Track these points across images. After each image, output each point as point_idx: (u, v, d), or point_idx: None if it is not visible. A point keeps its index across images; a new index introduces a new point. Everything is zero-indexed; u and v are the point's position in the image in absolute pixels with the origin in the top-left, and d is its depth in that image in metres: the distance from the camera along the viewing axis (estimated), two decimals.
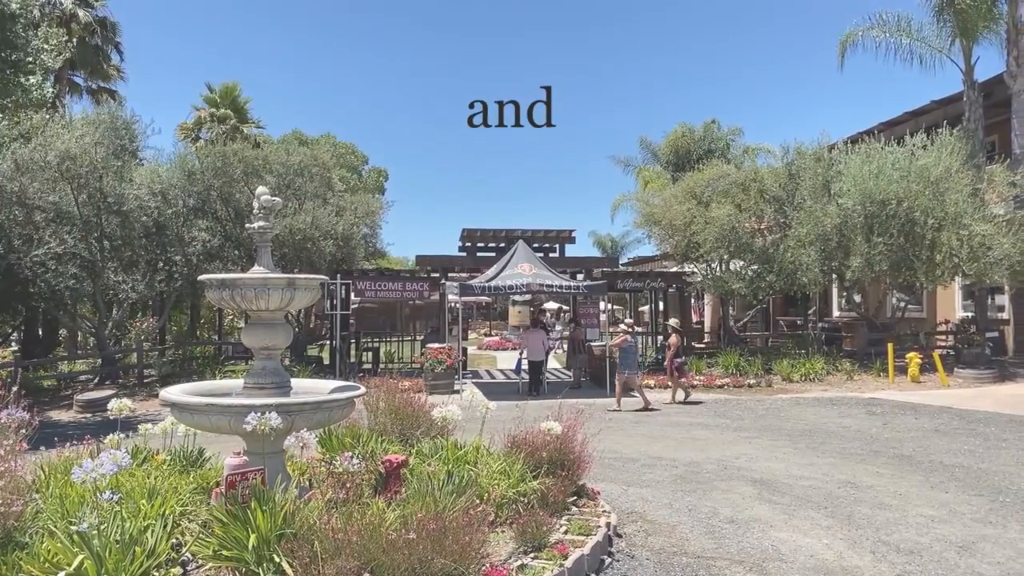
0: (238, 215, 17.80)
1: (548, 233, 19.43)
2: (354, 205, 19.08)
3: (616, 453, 9.90)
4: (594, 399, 15.36)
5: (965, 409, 13.40)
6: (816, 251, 18.44)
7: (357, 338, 19.91)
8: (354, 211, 18.90)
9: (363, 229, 20.20)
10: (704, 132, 40.15)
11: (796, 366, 17.82)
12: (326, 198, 19.20)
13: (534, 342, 16.76)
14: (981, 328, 18.93)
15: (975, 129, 19.38)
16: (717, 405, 14.54)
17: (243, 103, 40.87)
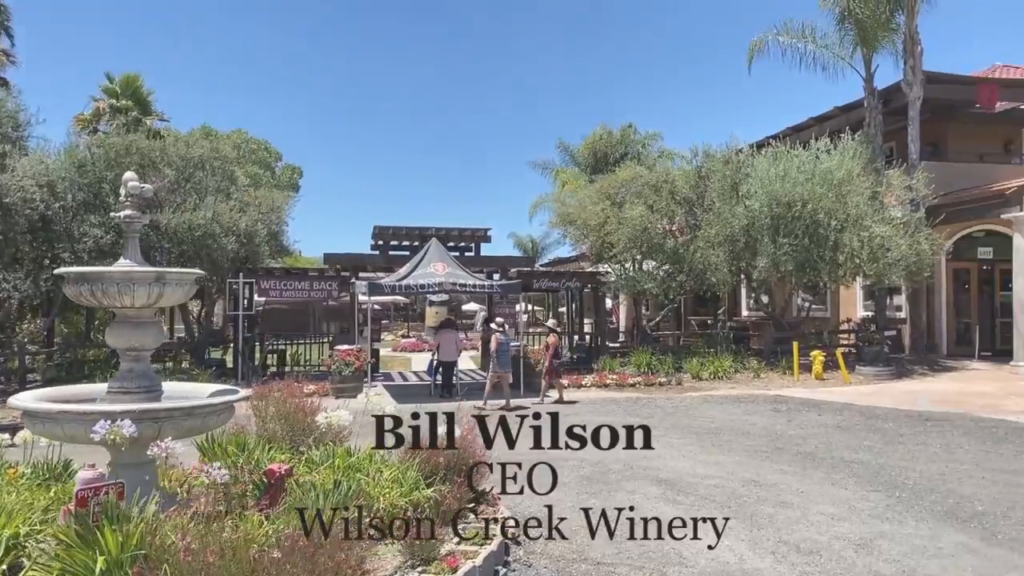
0: None
1: (463, 232, 19.11)
2: (258, 201, 18.27)
3: (523, 454, 9.67)
4: (515, 400, 15.11)
5: (865, 406, 13.77)
6: (725, 252, 18.74)
7: (261, 340, 19.09)
8: (258, 207, 18.10)
9: (270, 226, 19.36)
10: (621, 136, 40.57)
11: (706, 365, 18.05)
12: (229, 193, 18.32)
13: (446, 343, 16.43)
14: (880, 327, 19.64)
15: (875, 135, 20.10)
16: (628, 404, 14.52)
17: (146, 95, 38.90)
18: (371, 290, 15.13)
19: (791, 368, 17.99)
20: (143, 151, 16.97)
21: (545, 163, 42.68)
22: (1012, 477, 7.75)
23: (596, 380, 17.06)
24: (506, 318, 18.64)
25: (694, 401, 14.84)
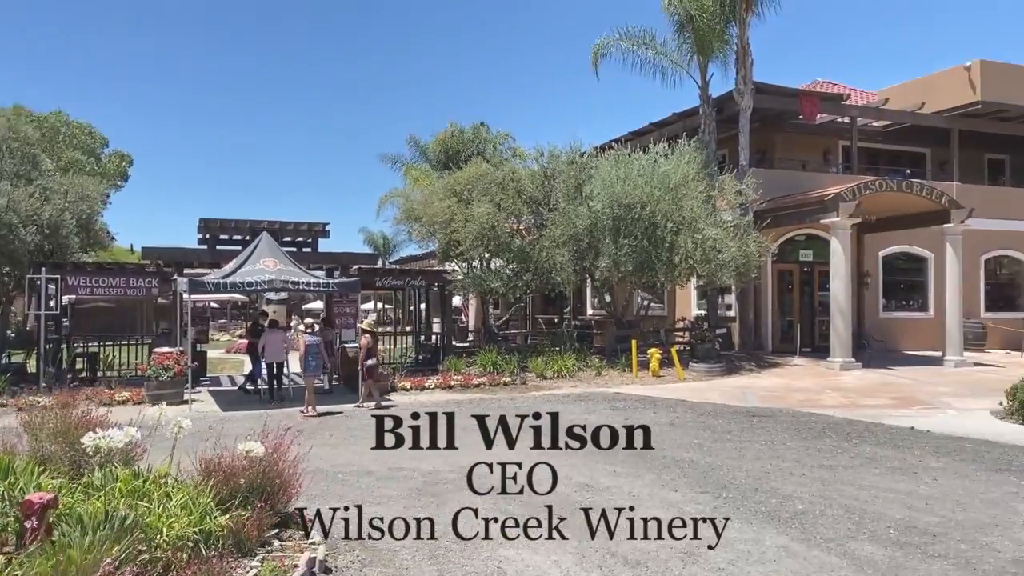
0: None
1: (299, 226, 18.07)
2: (65, 188, 16.36)
3: (354, 467, 9.07)
4: (344, 404, 14.38)
5: (697, 402, 14.18)
6: (569, 251, 18.86)
7: (68, 342, 17.15)
8: (65, 195, 16.21)
9: (80, 216, 17.42)
10: (473, 134, 40.32)
11: (550, 363, 18.07)
12: (31, 178, 16.31)
13: (272, 344, 15.41)
14: (712, 325, 20.50)
15: (709, 141, 20.95)
16: (471, 405, 14.18)
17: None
18: (192, 288, 13.88)
19: (631, 366, 18.36)
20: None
21: (395, 157, 41.72)
22: (829, 473, 8.03)
23: (440, 381, 16.63)
24: (344, 318, 17.85)
25: (536, 401, 14.73)
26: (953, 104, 23.35)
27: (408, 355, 20.18)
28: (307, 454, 9.91)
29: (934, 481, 7.53)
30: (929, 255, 23.19)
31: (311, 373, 13.77)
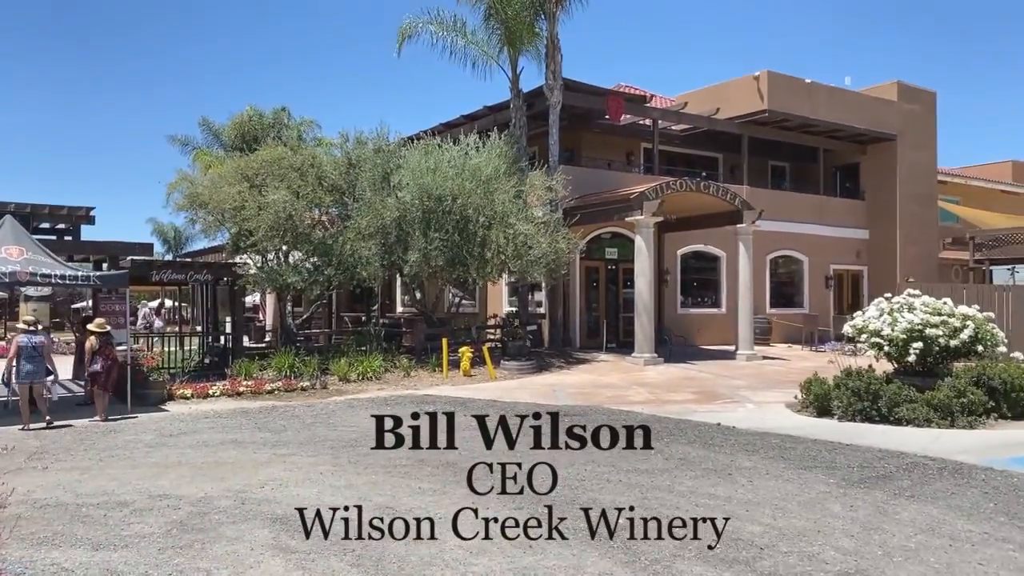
0: None
1: (57, 210, 15.42)
2: None
3: (107, 495, 7.45)
4: (115, 417, 12.30)
5: (508, 402, 13.62)
6: (376, 244, 17.71)
7: None
8: None
9: None
10: (274, 119, 37.63)
11: (354, 365, 16.81)
12: None
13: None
14: (524, 322, 20.20)
15: (520, 136, 20.62)
16: (262, 415, 12.65)
17: None
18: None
19: (441, 365, 17.55)
20: None
21: (186, 140, 38.06)
22: (646, 479, 7.61)
23: (227, 388, 14.85)
24: (113, 316, 15.50)
25: (338, 407, 13.47)
26: (744, 111, 24.80)
27: (192, 358, 18.01)
28: (44, 484, 8.15)
29: (750, 484, 7.31)
30: (722, 254, 24.46)
31: (26, 380, 11.64)
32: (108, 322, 15.57)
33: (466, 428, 10.96)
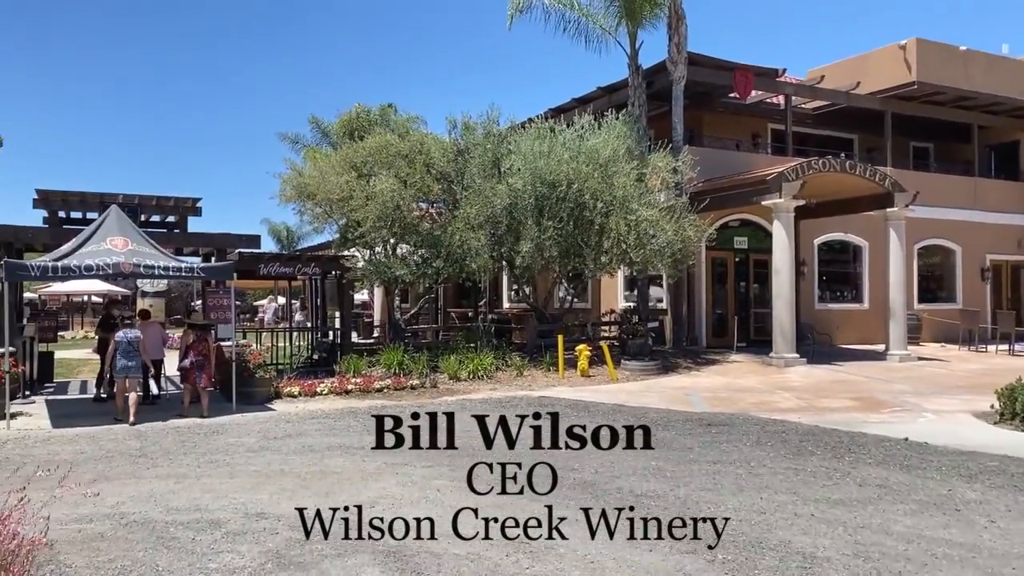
0: None
1: (164, 201, 15.04)
2: None
3: (200, 510, 6.52)
4: (220, 416, 11.66)
5: (637, 407, 12.16)
6: (486, 235, 16.58)
7: None
8: None
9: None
10: (381, 115, 37.22)
11: (465, 363, 15.74)
12: None
13: (151, 337, 12.62)
14: (643, 318, 18.61)
15: (639, 115, 19.02)
16: (369, 415, 11.68)
17: None
18: (9, 273, 10.85)
19: (555, 364, 16.25)
20: None
21: (296, 138, 38.33)
22: (846, 513, 5.99)
23: (335, 385, 14.04)
24: (219, 311, 15.00)
25: (450, 408, 12.36)
26: (888, 85, 22.26)
27: (300, 354, 17.40)
28: (135, 495, 7.34)
29: (994, 525, 5.60)
30: (864, 243, 22.05)
31: (123, 375, 11.38)
32: (215, 317, 15.15)
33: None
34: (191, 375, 11.96)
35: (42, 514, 6.46)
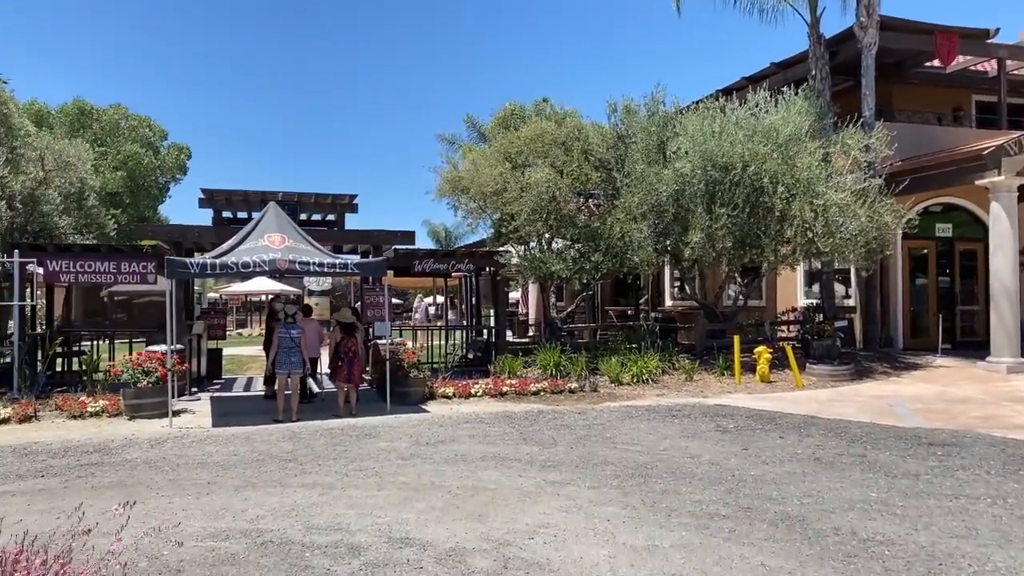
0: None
1: (321, 199, 14.93)
2: (40, 153, 13.60)
3: (341, 530, 5.81)
4: (373, 417, 11.19)
5: (834, 419, 10.46)
6: (649, 225, 15.27)
7: (47, 338, 14.40)
8: (39, 162, 13.44)
9: (67, 188, 14.75)
10: (536, 111, 36.74)
11: (627, 365, 14.52)
12: (2, 141, 13.65)
13: (308, 334, 12.43)
14: (829, 317, 16.57)
15: (822, 89, 16.97)
16: (527, 421, 10.77)
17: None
18: (170, 270, 10.88)
19: (729, 368, 14.68)
20: None
21: (452, 138, 38.60)
22: None
23: (490, 387, 13.28)
24: (375, 308, 14.68)
25: (613, 415, 11.22)
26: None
27: (455, 354, 16.85)
28: (278, 507, 6.78)
29: None
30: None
31: (285, 370, 11.23)
32: (371, 314, 14.86)
33: (789, 459, 8.09)
34: (339, 374, 11.62)
35: (180, 528, 6.03)
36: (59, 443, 9.63)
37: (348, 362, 11.61)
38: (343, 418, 11.25)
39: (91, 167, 15.51)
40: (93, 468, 8.23)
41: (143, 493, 7.14)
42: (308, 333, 12.34)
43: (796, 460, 7.99)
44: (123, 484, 7.49)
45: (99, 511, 6.61)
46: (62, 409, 11.62)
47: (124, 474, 7.93)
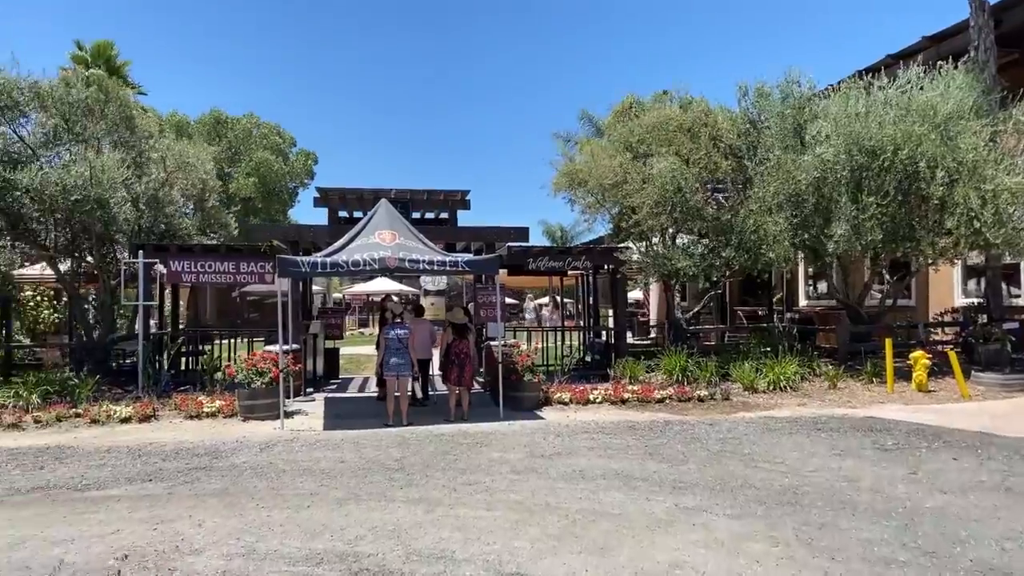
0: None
1: (433, 195, 14.49)
2: (161, 155, 13.83)
3: (443, 558, 5.18)
4: (486, 423, 10.57)
5: (1012, 437, 8.91)
6: (786, 217, 13.90)
7: (169, 338, 14.69)
8: (162, 162, 13.67)
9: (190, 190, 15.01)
10: (655, 103, 35.40)
11: (762, 371, 13.26)
12: (128, 143, 13.99)
13: (420, 335, 11.98)
14: (997, 318, 14.60)
15: (986, 61, 14.98)
16: (653, 433, 9.81)
17: (120, 65, 35.03)
18: (281, 269, 10.64)
19: (878, 374, 13.14)
20: (4, 87, 12.63)
21: (568, 136, 37.75)
22: None
23: (610, 393, 12.36)
24: (488, 308, 14.09)
25: (750, 428, 10.08)
26: None
27: (572, 356, 16.01)
28: (379, 526, 6.20)
29: None
30: None
31: (393, 373, 10.79)
32: (484, 315, 14.29)
33: (970, 486, 6.77)
34: (451, 376, 11.05)
35: (275, 549, 5.54)
36: (172, 444, 9.53)
37: (460, 365, 11.04)
38: (454, 423, 10.68)
39: (211, 167, 15.69)
40: (200, 473, 7.98)
41: (243, 504, 6.75)
42: (418, 333, 11.85)
43: (981, 489, 6.68)
44: (226, 492, 7.16)
45: (196, 523, 6.28)
46: (180, 409, 11.66)
47: (228, 481, 7.62)
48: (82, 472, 8.12)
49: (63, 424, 10.89)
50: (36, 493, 7.31)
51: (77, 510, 6.69)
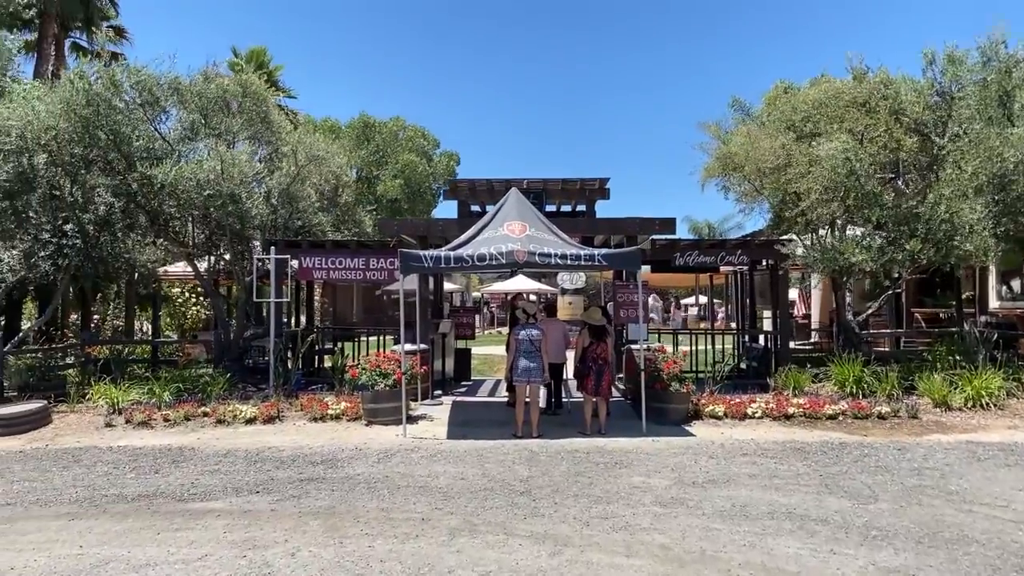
0: (130, 164, 12.60)
1: (568, 184, 13.31)
2: (293, 148, 13.51)
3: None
4: (626, 438, 9.33)
5: None
6: (986, 203, 11.66)
7: (299, 336, 14.39)
8: (293, 156, 13.35)
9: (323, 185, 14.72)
10: (811, 89, 32.52)
11: (958, 384, 11.14)
12: (263, 138, 13.83)
13: (552, 336, 10.89)
14: None
15: None
16: (827, 458, 8.21)
17: (273, 70, 36.42)
18: (404, 265, 9.88)
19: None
20: (144, 83, 12.72)
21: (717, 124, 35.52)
22: None
23: (771, 407, 10.72)
24: (628, 308, 12.79)
25: (951, 456, 8.24)
26: None
27: (725, 362, 14.37)
28: (495, 570, 5.13)
29: None
30: None
31: (524, 379, 9.65)
32: (624, 315, 13.00)
33: None
34: (587, 384, 9.84)
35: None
36: (290, 450, 8.97)
37: (597, 371, 9.81)
38: (590, 437, 9.50)
39: (343, 160, 15.35)
40: (310, 486, 7.28)
41: (347, 528, 5.93)
42: (550, 335, 10.70)
43: None
44: (332, 512, 6.38)
45: (289, 551, 5.49)
46: (305, 410, 11.20)
47: (338, 497, 6.85)
48: (193, 479, 7.64)
49: (190, 423, 10.67)
50: (140, 502, 6.85)
51: (173, 525, 6.11)
